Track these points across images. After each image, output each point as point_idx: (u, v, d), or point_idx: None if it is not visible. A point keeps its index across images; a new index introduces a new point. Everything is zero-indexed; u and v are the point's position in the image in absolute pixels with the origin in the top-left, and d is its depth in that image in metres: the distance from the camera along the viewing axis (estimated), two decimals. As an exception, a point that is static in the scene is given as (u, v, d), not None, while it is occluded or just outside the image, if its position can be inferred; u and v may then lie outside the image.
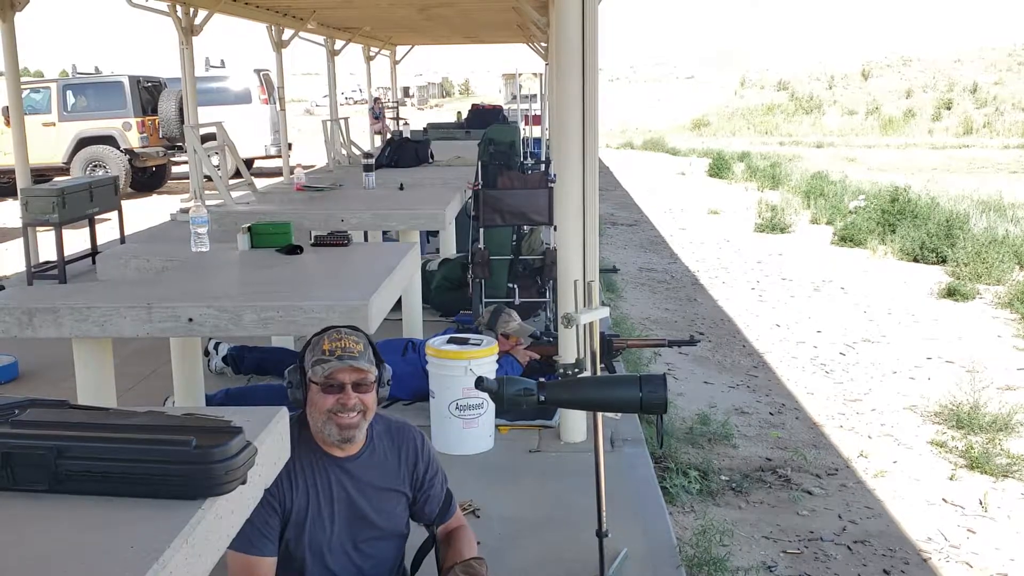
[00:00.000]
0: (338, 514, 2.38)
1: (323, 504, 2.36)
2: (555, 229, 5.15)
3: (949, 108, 48.25)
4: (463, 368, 4.14)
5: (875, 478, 5.02)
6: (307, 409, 2.36)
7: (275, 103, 16.78)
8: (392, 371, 2.46)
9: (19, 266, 8.74)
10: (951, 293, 9.33)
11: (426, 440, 2.58)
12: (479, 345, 4.29)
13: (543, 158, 9.82)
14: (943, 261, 11.00)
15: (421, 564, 2.65)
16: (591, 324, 2.97)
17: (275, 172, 17.36)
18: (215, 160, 6.75)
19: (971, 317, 8.61)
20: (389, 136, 13.25)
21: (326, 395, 2.30)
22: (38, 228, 8.30)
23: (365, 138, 16.91)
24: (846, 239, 12.76)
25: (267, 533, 2.27)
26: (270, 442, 1.71)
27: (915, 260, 11.31)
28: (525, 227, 6.49)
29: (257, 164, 18.55)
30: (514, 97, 18.52)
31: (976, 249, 10.54)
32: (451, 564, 2.46)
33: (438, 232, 7.67)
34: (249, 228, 4.27)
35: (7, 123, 11.85)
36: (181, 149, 16.18)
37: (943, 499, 4.77)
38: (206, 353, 5.20)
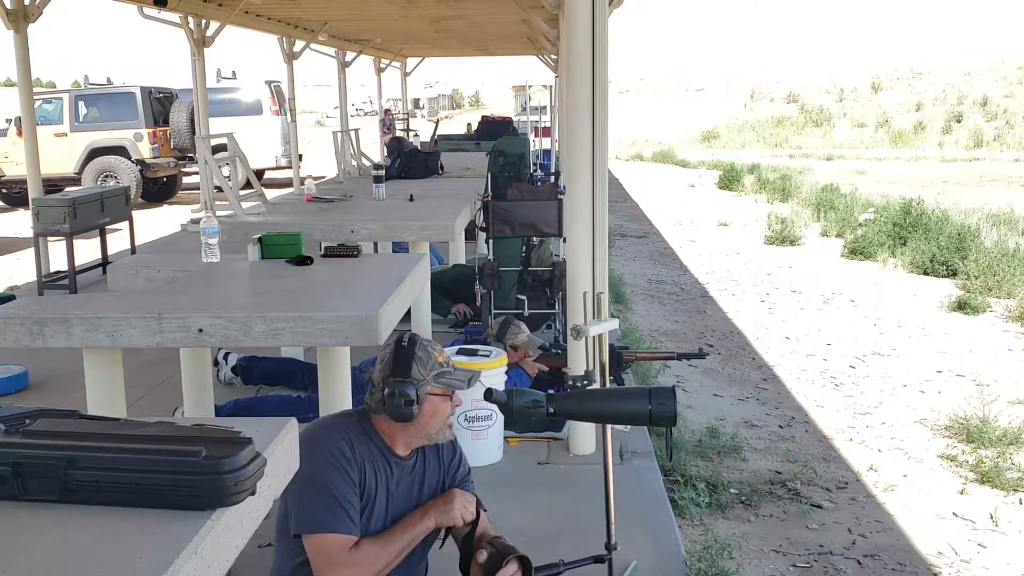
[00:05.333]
0: (389, 507, 2.46)
1: (380, 495, 2.43)
2: (564, 241, 5.16)
3: (959, 121, 48.09)
4: (472, 380, 4.14)
5: (885, 492, 4.99)
6: (421, 420, 2.42)
7: (286, 114, 16.84)
8: None
9: (30, 276, 8.79)
10: (961, 306, 9.29)
11: (458, 443, 2.68)
12: (488, 357, 4.29)
13: (553, 170, 9.85)
14: (953, 274, 10.95)
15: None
16: (600, 336, 2.97)
17: (286, 183, 17.42)
18: (226, 171, 6.79)
19: (981, 330, 8.57)
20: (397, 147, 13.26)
21: (446, 401, 2.46)
22: (49, 238, 8.34)
23: (375, 149, 16.95)
24: (856, 252, 12.72)
25: (354, 511, 2.34)
26: (280, 453, 1.71)
27: (925, 273, 11.26)
28: (534, 239, 6.50)
29: (268, 175, 18.61)
30: (524, 109, 18.56)
31: (987, 262, 10.50)
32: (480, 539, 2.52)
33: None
34: (259, 239, 4.28)
35: (19, 134, 11.94)
36: (192, 160, 16.27)
37: (953, 513, 4.74)
38: (215, 363, 5.21)
